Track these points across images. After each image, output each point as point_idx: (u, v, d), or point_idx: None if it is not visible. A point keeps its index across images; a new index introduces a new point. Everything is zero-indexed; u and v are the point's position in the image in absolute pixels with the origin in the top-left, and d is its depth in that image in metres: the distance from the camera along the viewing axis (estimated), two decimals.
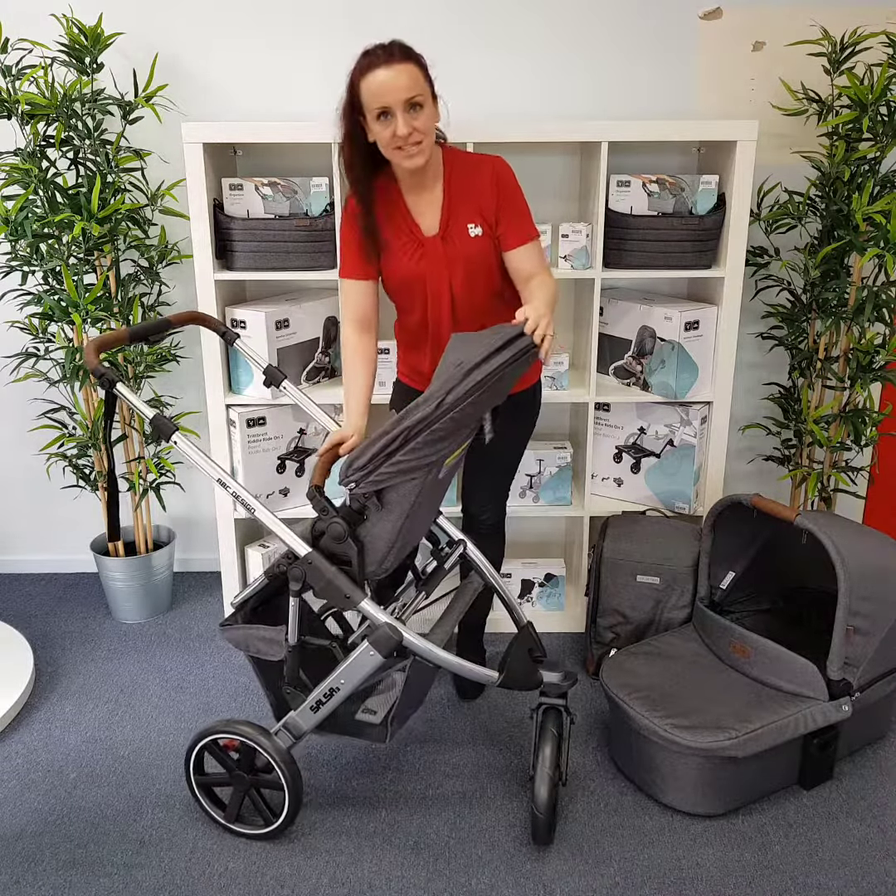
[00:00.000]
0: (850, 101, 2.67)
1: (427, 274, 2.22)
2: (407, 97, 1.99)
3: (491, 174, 2.19)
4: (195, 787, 2.23)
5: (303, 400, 2.38)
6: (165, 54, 2.90)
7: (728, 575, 2.61)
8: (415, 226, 2.22)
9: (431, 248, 2.21)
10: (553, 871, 2.10)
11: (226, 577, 3.01)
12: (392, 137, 2.03)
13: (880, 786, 2.35)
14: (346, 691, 2.05)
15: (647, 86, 2.92)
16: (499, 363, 1.88)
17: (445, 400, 1.83)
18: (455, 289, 2.24)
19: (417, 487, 1.93)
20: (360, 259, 2.26)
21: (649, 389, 2.86)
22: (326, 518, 1.95)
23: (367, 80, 2.00)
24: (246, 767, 2.15)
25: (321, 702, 2.07)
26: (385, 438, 1.84)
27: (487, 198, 2.19)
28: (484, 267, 2.23)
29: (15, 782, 2.39)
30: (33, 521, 3.45)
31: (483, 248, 2.21)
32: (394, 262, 2.24)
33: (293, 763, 2.11)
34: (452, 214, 2.20)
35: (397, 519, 1.95)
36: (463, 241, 2.20)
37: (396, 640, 1.97)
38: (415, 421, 1.82)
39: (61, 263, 2.72)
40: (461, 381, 1.84)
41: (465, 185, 2.20)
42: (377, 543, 1.98)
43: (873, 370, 2.83)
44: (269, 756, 2.09)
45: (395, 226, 2.23)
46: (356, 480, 1.88)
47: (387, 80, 1.98)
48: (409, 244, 2.22)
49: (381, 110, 2.01)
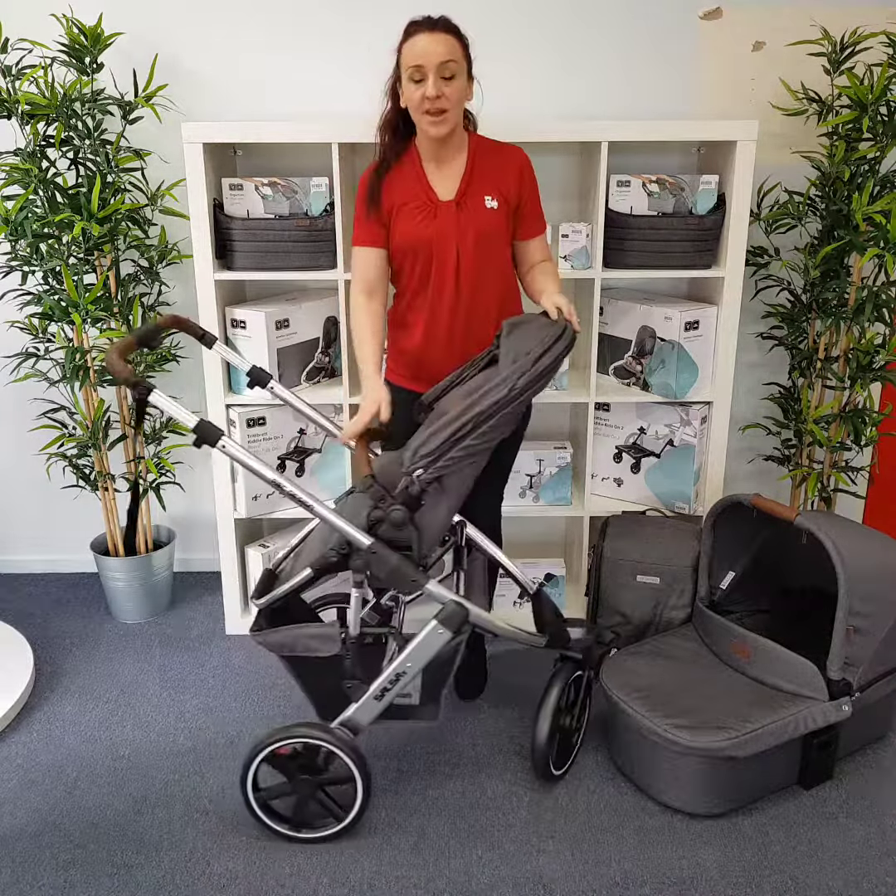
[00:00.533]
0: (850, 101, 2.67)
1: (436, 237, 2.27)
2: (441, 60, 2.12)
3: (518, 162, 2.32)
4: (254, 805, 2.16)
5: (292, 400, 2.37)
6: (165, 54, 2.90)
7: (728, 575, 2.61)
8: (431, 191, 2.29)
9: (445, 211, 2.27)
10: (553, 871, 2.10)
11: (226, 577, 3.01)
12: (421, 99, 2.14)
13: (880, 786, 2.35)
14: (412, 674, 2.09)
15: (647, 86, 2.92)
16: (559, 352, 2.02)
17: (517, 384, 1.96)
18: (462, 257, 2.28)
19: (476, 470, 2.05)
20: (369, 226, 2.31)
21: (649, 389, 2.86)
22: (385, 506, 2.00)
23: (408, 42, 2.14)
24: (313, 770, 2.13)
25: (386, 689, 2.10)
26: (455, 424, 1.95)
27: (510, 181, 2.30)
28: (494, 240, 2.31)
29: (15, 782, 2.39)
30: (33, 521, 3.45)
31: (496, 222, 2.29)
32: (405, 222, 2.28)
33: (362, 754, 2.12)
34: (471, 185, 2.29)
35: (452, 502, 2.05)
36: (478, 210, 2.28)
37: (464, 615, 2.05)
38: (488, 405, 1.95)
39: (61, 263, 2.72)
40: (531, 367, 1.98)
41: (489, 163, 2.30)
42: (432, 527, 2.05)
43: (873, 370, 2.83)
44: (339, 750, 2.08)
45: (410, 189, 2.29)
46: (423, 466, 1.96)
47: (426, 43, 2.11)
48: (424, 206, 2.28)
49: (415, 68, 2.12)
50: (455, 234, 2.27)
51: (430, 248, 2.28)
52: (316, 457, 3.00)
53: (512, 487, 2.96)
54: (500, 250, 2.34)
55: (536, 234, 2.38)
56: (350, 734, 2.12)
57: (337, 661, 2.18)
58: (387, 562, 2.01)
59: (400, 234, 2.29)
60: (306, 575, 2.10)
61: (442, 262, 2.28)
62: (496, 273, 2.33)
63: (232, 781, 2.38)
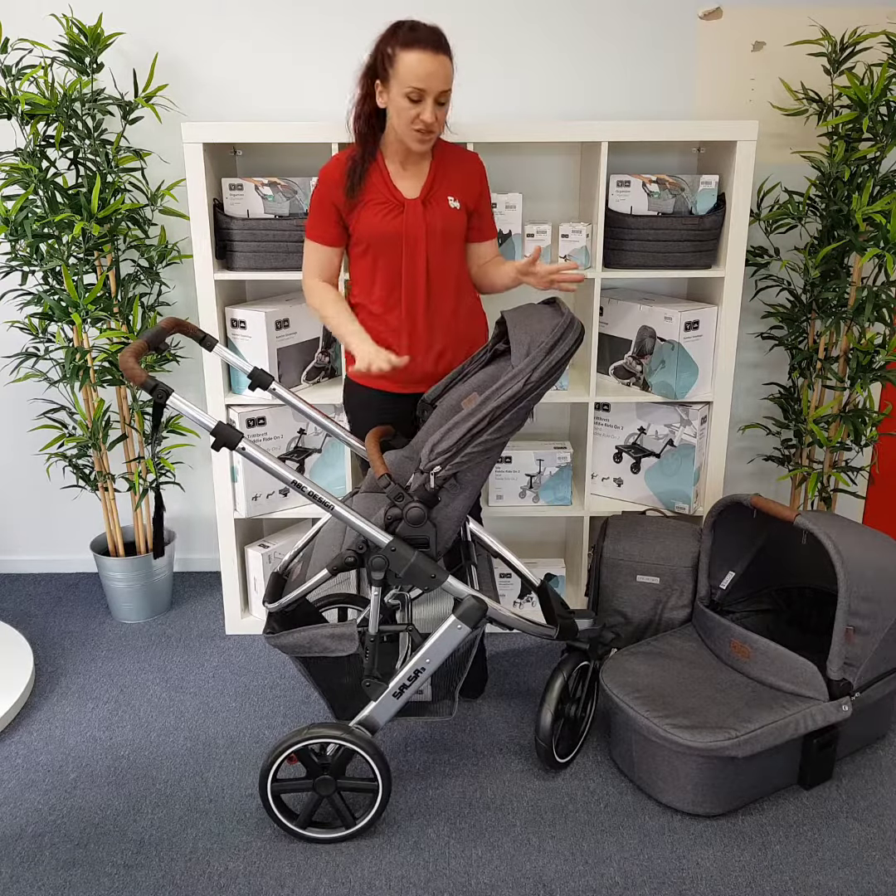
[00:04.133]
0: (850, 101, 2.67)
1: (404, 231, 2.29)
2: (443, 89, 2.15)
3: (478, 169, 2.39)
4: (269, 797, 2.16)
5: (294, 402, 2.37)
6: (165, 54, 2.90)
7: (728, 575, 2.61)
8: (395, 189, 2.30)
9: (412, 209, 2.30)
10: (553, 871, 2.10)
11: (226, 577, 3.01)
12: (415, 120, 2.16)
13: (880, 786, 2.35)
14: (431, 670, 2.10)
15: (647, 86, 2.92)
16: (570, 343, 2.04)
17: (532, 377, 1.98)
18: (431, 253, 2.31)
19: (491, 464, 2.09)
20: (333, 224, 2.33)
21: (649, 389, 2.86)
22: (402, 503, 2.01)
23: (410, 55, 2.11)
24: (336, 771, 2.13)
25: (405, 686, 2.11)
26: (472, 420, 1.97)
27: (471, 186, 2.37)
28: (457, 238, 2.37)
29: (15, 782, 2.39)
30: (33, 521, 3.45)
31: (458, 221, 2.35)
32: (370, 217, 2.29)
33: (382, 753, 2.12)
34: (436, 185, 2.33)
35: (467, 497, 2.07)
36: (443, 208, 2.32)
37: (483, 610, 2.07)
38: (504, 399, 1.97)
39: (61, 263, 2.72)
40: (544, 359, 2.00)
41: (451, 167, 2.35)
42: (448, 522, 2.07)
43: (873, 370, 2.83)
44: (361, 751, 2.09)
45: (373, 187, 2.30)
46: (441, 463, 1.98)
47: (432, 67, 2.11)
48: (389, 203, 2.30)
49: (415, 90, 2.12)
50: (423, 230, 2.29)
51: (399, 243, 2.29)
52: (316, 457, 3.00)
53: (512, 487, 2.96)
54: (461, 249, 2.39)
55: (491, 236, 2.45)
56: (370, 730, 2.14)
57: (353, 660, 2.19)
58: (406, 559, 2.03)
59: (366, 226, 2.29)
60: (322, 576, 2.11)
61: (412, 257, 2.30)
62: (456, 269, 2.38)
63: (232, 781, 2.38)
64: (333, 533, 2.30)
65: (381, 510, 2.07)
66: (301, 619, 2.28)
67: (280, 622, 2.20)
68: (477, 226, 2.41)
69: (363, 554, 2.05)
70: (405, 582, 2.06)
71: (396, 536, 2.04)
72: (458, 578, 2.13)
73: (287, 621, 2.23)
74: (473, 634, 2.12)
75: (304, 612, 2.38)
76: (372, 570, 2.04)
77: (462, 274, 2.41)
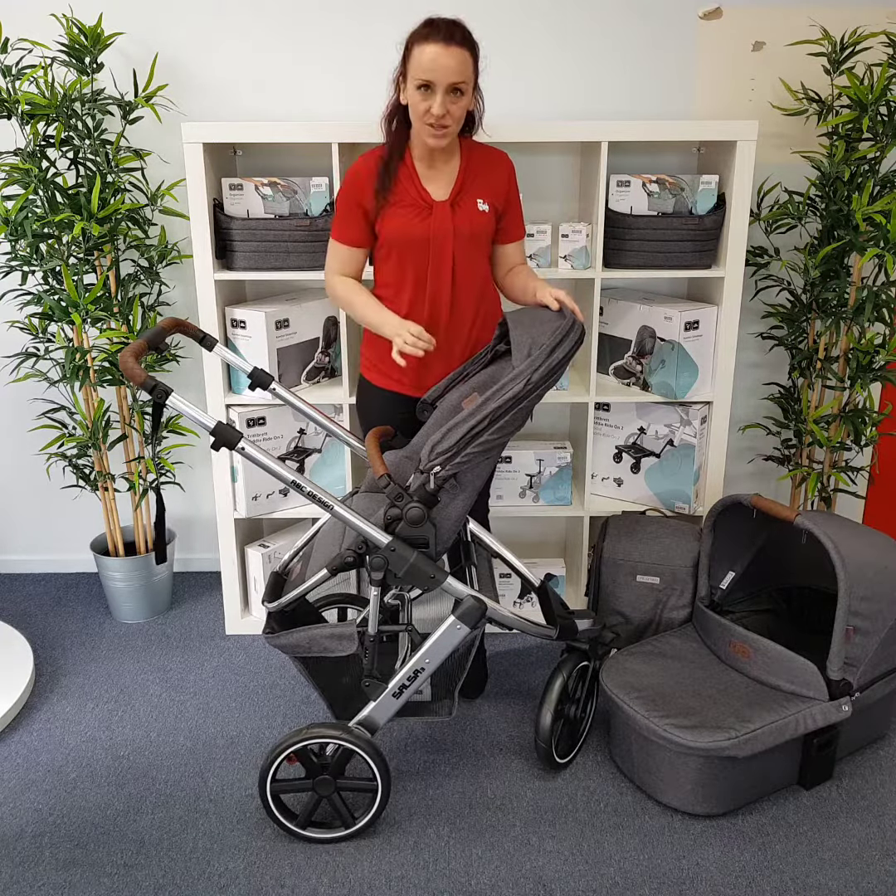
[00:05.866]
0: (850, 101, 2.67)
1: (432, 233, 2.27)
2: (452, 81, 2.10)
3: (507, 169, 2.36)
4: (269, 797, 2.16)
5: (294, 402, 2.37)
6: (165, 54, 2.90)
7: (728, 575, 2.61)
8: (423, 191, 2.28)
9: (440, 211, 2.28)
10: (553, 871, 2.10)
11: (226, 577, 3.01)
12: (426, 112, 2.14)
13: (880, 786, 2.35)
14: (430, 670, 2.10)
15: (647, 86, 2.92)
16: (571, 345, 2.05)
17: (532, 379, 1.99)
18: (457, 256, 2.29)
19: (492, 464, 2.10)
20: (359, 225, 2.30)
21: (649, 389, 2.86)
22: (402, 503, 2.01)
23: (420, 48, 2.10)
24: (335, 771, 2.13)
25: (405, 686, 2.11)
26: (472, 420, 1.97)
27: (500, 188, 2.34)
28: (484, 242, 2.34)
29: (15, 782, 2.39)
30: (33, 521, 3.45)
31: (487, 224, 2.32)
32: (399, 218, 2.27)
33: (381, 753, 2.12)
34: (465, 187, 2.30)
35: (467, 497, 2.07)
36: (471, 211, 2.30)
37: (482, 610, 2.07)
38: (504, 400, 1.98)
39: (61, 263, 2.72)
40: (545, 361, 2.01)
41: (482, 169, 2.33)
42: (448, 522, 2.08)
43: (873, 370, 2.83)
44: (361, 751, 2.09)
45: (402, 188, 2.28)
46: (441, 464, 1.98)
47: (439, 58, 2.07)
48: (417, 204, 2.28)
49: (424, 83, 2.10)
50: (451, 233, 2.27)
51: (426, 245, 2.27)
52: (316, 457, 3.00)
53: (512, 487, 2.96)
54: (486, 252, 2.38)
55: (518, 237, 2.42)
56: (369, 730, 2.14)
57: (353, 660, 2.19)
58: (405, 559, 2.04)
59: (393, 229, 2.27)
60: (322, 576, 2.12)
61: (438, 260, 2.28)
62: (481, 274, 2.36)
63: (232, 781, 2.38)
64: (333, 533, 2.30)
65: (381, 510, 2.07)
66: (301, 619, 2.28)
67: (280, 622, 2.20)
68: (504, 227, 2.38)
69: (363, 554, 2.05)
70: (405, 582, 2.06)
71: (396, 536, 2.04)
72: (458, 579, 2.13)
73: (287, 621, 2.23)
74: (473, 635, 2.12)
75: (304, 611, 2.38)
76: (371, 570, 2.04)
77: (487, 277, 2.38)
